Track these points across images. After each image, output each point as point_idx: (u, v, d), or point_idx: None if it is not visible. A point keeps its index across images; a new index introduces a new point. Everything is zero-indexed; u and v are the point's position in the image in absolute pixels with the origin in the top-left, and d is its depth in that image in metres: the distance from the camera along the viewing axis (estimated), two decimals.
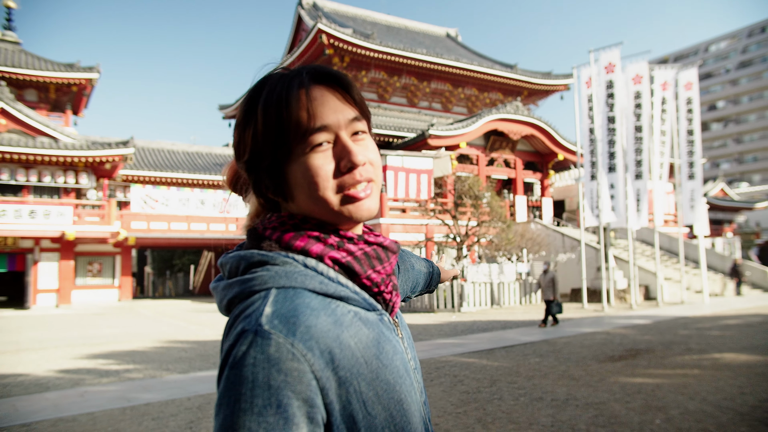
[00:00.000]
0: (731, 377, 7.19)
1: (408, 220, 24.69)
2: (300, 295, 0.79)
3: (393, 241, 0.93)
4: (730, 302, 19.34)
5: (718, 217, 39.74)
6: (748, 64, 79.26)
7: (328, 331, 0.76)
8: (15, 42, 27.77)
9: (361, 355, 0.79)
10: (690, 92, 19.64)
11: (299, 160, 0.83)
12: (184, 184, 27.32)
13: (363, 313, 0.84)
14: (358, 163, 0.84)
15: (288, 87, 0.84)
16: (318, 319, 0.77)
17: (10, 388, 7.62)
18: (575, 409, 5.80)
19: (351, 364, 0.77)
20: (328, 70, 0.87)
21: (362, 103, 0.89)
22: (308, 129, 0.82)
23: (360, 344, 0.80)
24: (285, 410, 0.70)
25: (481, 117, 27.98)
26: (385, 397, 0.80)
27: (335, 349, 0.76)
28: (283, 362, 0.72)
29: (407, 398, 0.84)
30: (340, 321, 0.79)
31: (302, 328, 0.74)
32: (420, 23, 42.45)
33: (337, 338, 0.77)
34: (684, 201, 19.81)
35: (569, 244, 24.25)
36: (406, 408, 0.82)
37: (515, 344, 10.83)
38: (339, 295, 0.82)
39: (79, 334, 14.31)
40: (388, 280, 0.90)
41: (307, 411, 0.72)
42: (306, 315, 0.76)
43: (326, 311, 0.79)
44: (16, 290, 25.95)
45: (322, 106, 0.84)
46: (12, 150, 21.51)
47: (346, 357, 0.77)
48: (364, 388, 0.78)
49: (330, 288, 0.81)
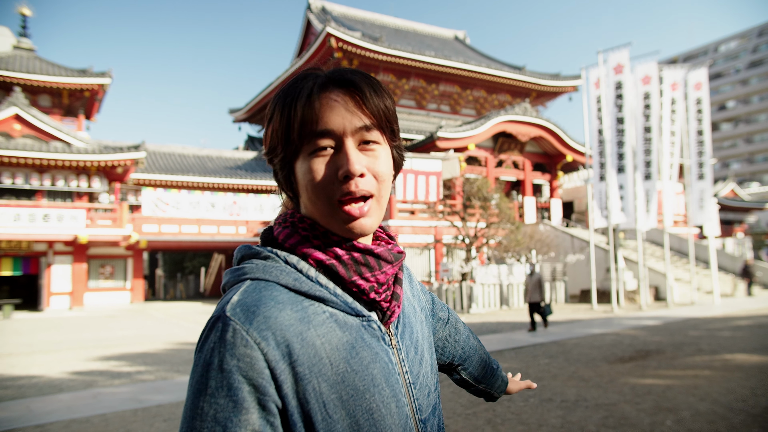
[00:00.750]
0: (743, 378, 7.15)
1: (417, 222, 24.70)
2: (269, 287, 0.80)
3: (387, 250, 0.90)
4: (741, 303, 19.19)
5: (729, 218, 39.41)
6: (759, 64, 78.58)
7: (289, 325, 0.77)
8: (30, 49, 28.09)
9: (326, 355, 0.79)
10: (700, 92, 19.53)
11: (303, 161, 0.85)
12: (195, 187, 27.49)
13: (341, 316, 0.83)
14: (354, 173, 0.82)
15: (301, 88, 0.85)
16: (281, 312, 0.78)
17: (24, 389, 7.70)
18: (585, 410, 5.80)
19: (312, 363, 0.77)
20: (346, 76, 0.86)
21: (380, 111, 0.86)
22: (312, 131, 0.83)
23: (328, 345, 0.79)
24: (235, 394, 0.73)
25: (490, 119, 27.96)
26: (350, 402, 0.79)
27: (295, 344, 0.76)
28: (237, 347, 0.74)
29: (381, 409, 0.81)
30: (308, 319, 0.80)
31: (260, 318, 0.76)
32: (428, 26, 42.48)
33: (299, 334, 0.77)
34: (694, 201, 19.69)
35: (578, 246, 24.17)
36: (377, 419, 0.81)
37: (524, 345, 10.83)
38: (314, 294, 0.82)
39: (91, 336, 14.43)
40: (380, 288, 0.88)
41: (258, 397, 0.74)
42: (268, 306, 0.77)
43: (294, 307, 0.80)
44: (30, 293, 26.20)
45: (330, 110, 0.83)
46: (26, 155, 21.77)
47: (306, 354, 0.77)
48: (324, 389, 0.77)
49: (304, 286, 0.82)
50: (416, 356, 0.93)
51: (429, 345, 1.00)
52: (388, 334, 0.89)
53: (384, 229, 0.99)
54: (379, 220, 0.88)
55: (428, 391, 0.93)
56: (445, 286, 19.43)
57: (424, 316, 1.06)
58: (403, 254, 0.95)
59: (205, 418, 0.73)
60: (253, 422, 0.73)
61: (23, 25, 28.61)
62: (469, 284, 19.05)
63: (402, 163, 0.96)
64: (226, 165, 31.21)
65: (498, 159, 29.91)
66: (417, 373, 0.92)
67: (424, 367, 0.94)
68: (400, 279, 0.93)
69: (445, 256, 25.16)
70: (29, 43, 28.16)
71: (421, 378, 0.93)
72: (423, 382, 0.93)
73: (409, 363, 0.91)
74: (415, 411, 0.89)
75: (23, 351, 11.78)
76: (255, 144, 39.93)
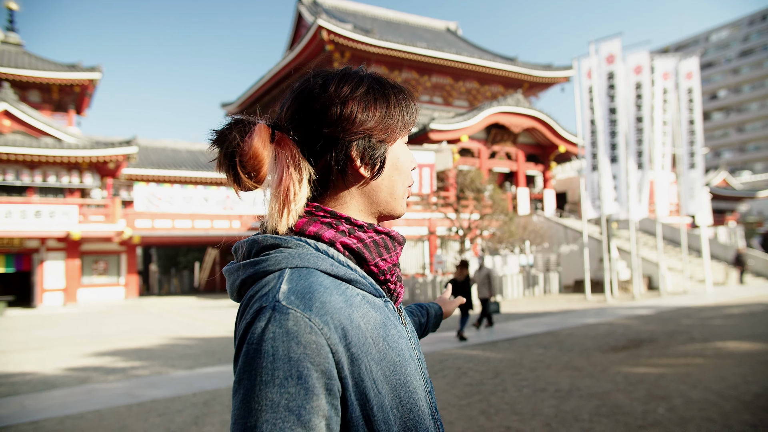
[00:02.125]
0: (734, 366, 7.22)
1: (410, 214, 24.71)
2: (313, 274, 0.83)
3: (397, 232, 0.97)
4: (733, 291, 19.34)
5: (721, 207, 39.63)
6: (750, 53, 78.82)
7: (340, 308, 0.80)
8: (17, 44, 27.82)
9: (369, 335, 0.82)
10: (691, 82, 19.58)
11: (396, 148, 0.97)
12: (188, 181, 27.42)
13: (370, 297, 0.88)
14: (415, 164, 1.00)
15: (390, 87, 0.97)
16: (331, 297, 0.80)
17: (18, 386, 7.68)
18: (578, 399, 5.83)
19: (361, 342, 0.81)
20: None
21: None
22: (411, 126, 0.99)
23: (368, 325, 0.83)
24: (305, 381, 0.74)
25: (482, 110, 27.96)
26: (392, 378, 0.83)
27: (347, 326, 0.80)
28: (302, 335, 0.75)
29: (413, 382, 0.87)
30: (350, 301, 0.83)
31: (318, 304, 0.78)
32: (420, 17, 42.36)
33: (348, 316, 0.81)
34: (686, 191, 19.79)
35: (572, 236, 24.27)
36: (412, 390, 0.86)
37: (518, 336, 10.87)
38: (348, 278, 0.85)
39: (85, 332, 14.39)
40: (393, 269, 0.94)
41: (325, 382, 0.76)
42: (320, 292, 0.80)
43: (338, 291, 0.82)
44: (23, 290, 26.08)
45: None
46: (16, 151, 21.60)
47: (357, 335, 0.80)
48: (373, 367, 0.81)
49: (340, 270, 0.85)
50: (414, 333, 1.01)
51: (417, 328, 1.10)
52: (399, 314, 0.96)
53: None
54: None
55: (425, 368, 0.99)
56: (439, 278, 19.47)
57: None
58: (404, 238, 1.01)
59: (277, 408, 0.73)
60: (323, 407, 0.75)
61: (10, 19, 28.34)
62: None
63: None
64: None
65: (491, 150, 29.94)
66: (418, 348, 0.99)
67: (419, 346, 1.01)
68: (399, 264, 0.98)
69: (439, 248, 25.21)
70: (17, 38, 27.89)
71: (422, 354, 0.99)
72: (423, 359, 0.98)
73: (415, 339, 0.98)
74: (426, 383, 0.95)
75: (16, 348, 11.73)
76: None
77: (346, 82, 0.92)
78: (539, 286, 21.34)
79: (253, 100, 40.02)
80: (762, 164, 76.90)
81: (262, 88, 37.82)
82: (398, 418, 0.83)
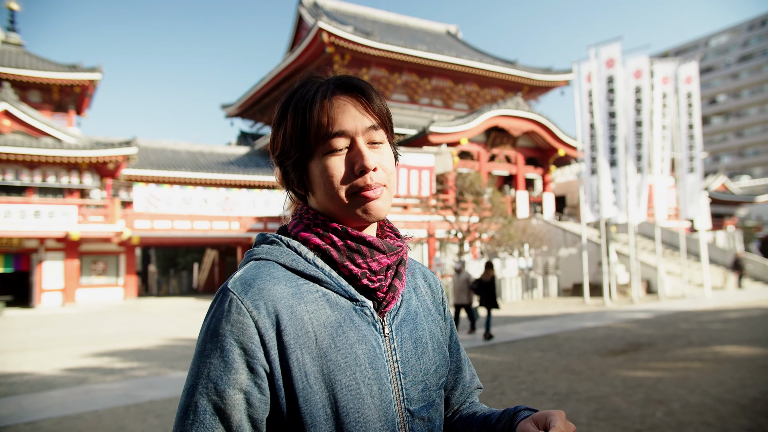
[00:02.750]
0: (732, 370, 7.23)
1: (410, 217, 24.73)
2: (268, 265, 0.91)
3: (382, 241, 0.96)
4: (732, 295, 19.35)
5: (720, 211, 39.65)
6: (749, 58, 78.96)
7: (281, 298, 0.87)
8: (18, 44, 27.81)
9: (312, 330, 0.87)
10: (690, 86, 19.62)
11: (319, 161, 0.93)
12: (187, 183, 27.38)
13: (333, 297, 0.91)
14: (369, 167, 0.91)
15: (314, 94, 0.93)
16: (275, 286, 0.87)
17: (16, 386, 7.68)
18: (577, 402, 5.84)
19: (298, 335, 0.85)
20: (353, 82, 0.95)
21: (383, 113, 0.96)
22: (327, 133, 0.91)
23: (315, 320, 0.88)
24: (226, 355, 0.83)
25: (482, 113, 28.00)
26: (330, 376, 0.85)
27: (284, 315, 0.85)
28: (232, 315, 0.84)
29: (360, 387, 0.87)
30: (300, 295, 0.89)
31: (255, 290, 0.86)
32: (420, 20, 42.42)
33: (289, 307, 0.87)
34: (685, 195, 19.81)
35: (571, 239, 24.28)
36: (355, 395, 0.86)
37: (517, 339, 10.88)
38: (309, 274, 0.91)
39: (84, 332, 14.38)
40: (374, 276, 0.94)
41: (247, 360, 0.83)
42: (264, 280, 0.87)
43: (289, 283, 0.89)
44: (22, 290, 26.04)
45: (342, 113, 0.92)
46: (16, 151, 21.58)
47: (294, 326, 0.86)
48: (307, 360, 0.85)
49: (300, 266, 0.91)
50: (414, 350, 0.98)
51: (437, 347, 1.04)
52: (380, 322, 0.95)
53: (393, 229, 1.06)
54: (389, 208, 0.96)
55: (424, 386, 0.97)
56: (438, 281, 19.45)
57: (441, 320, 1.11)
58: (402, 248, 1.00)
59: (201, 376, 0.84)
60: (242, 382, 0.83)
61: (11, 19, 28.35)
62: None
63: (398, 159, 1.04)
64: (219, 160, 31.09)
65: (490, 153, 29.97)
66: (412, 366, 0.96)
67: (424, 364, 0.98)
68: (401, 273, 0.99)
69: (438, 251, 25.22)
70: (18, 38, 27.89)
71: (416, 372, 0.97)
72: (418, 377, 0.97)
73: (402, 354, 0.96)
74: (402, 399, 0.93)
75: (15, 348, 11.71)
76: (247, 139, 39.78)
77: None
78: (538, 290, 21.35)
79: (253, 102, 40.04)
80: (761, 169, 76.99)
81: (263, 90, 37.84)
82: (330, 418, 0.85)
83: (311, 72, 0.99)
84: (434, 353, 1.02)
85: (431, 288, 1.13)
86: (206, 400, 0.82)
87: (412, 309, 1.03)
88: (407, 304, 1.02)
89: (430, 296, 1.11)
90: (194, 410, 0.83)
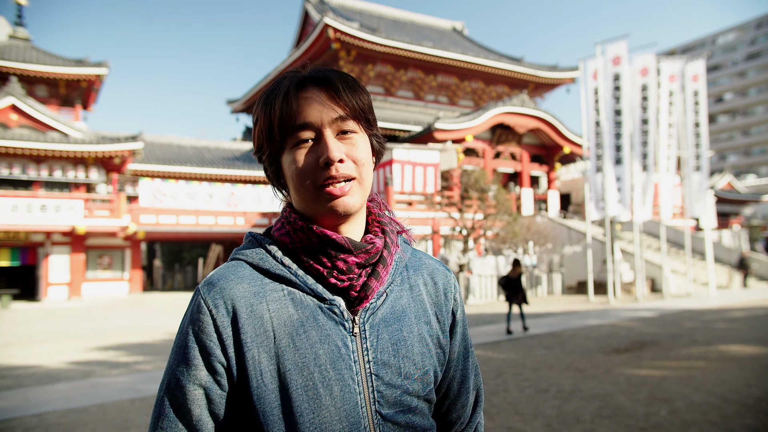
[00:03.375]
0: (737, 369, 7.21)
1: (414, 213, 24.73)
2: (237, 265, 0.93)
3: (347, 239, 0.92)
4: (737, 294, 19.30)
5: (725, 210, 39.52)
6: (756, 56, 78.51)
7: (241, 297, 0.88)
8: (26, 39, 27.91)
9: (272, 329, 0.88)
10: (697, 84, 19.54)
11: (288, 154, 0.93)
12: (193, 178, 27.45)
13: (299, 295, 0.91)
14: (333, 159, 0.89)
15: (279, 87, 0.94)
16: (237, 285, 0.89)
17: (22, 379, 7.73)
18: (580, 400, 5.84)
19: (256, 333, 0.87)
20: (321, 73, 0.94)
21: (354, 104, 0.93)
22: (292, 125, 0.91)
23: (276, 320, 0.89)
24: (188, 353, 0.87)
25: (488, 110, 27.95)
26: (286, 376, 0.86)
27: (242, 314, 0.87)
28: (196, 314, 0.88)
29: (318, 388, 0.86)
30: (263, 294, 0.90)
31: (217, 289, 0.89)
32: (426, 17, 42.33)
33: (249, 306, 0.88)
34: (690, 193, 19.75)
35: (575, 237, 24.24)
36: (311, 396, 0.86)
37: (521, 336, 10.88)
38: (275, 273, 0.92)
39: (89, 326, 14.46)
40: (342, 275, 0.92)
41: (206, 357, 0.87)
42: (228, 280, 0.90)
43: (252, 282, 0.90)
44: (28, 283, 26.18)
45: (308, 105, 0.91)
46: (23, 145, 21.69)
47: (252, 324, 0.87)
48: (263, 359, 0.86)
49: (267, 265, 0.92)
50: (394, 353, 0.93)
51: (426, 350, 0.98)
52: (351, 321, 0.92)
53: (381, 223, 1.02)
54: (362, 201, 0.94)
55: (403, 390, 0.93)
56: None
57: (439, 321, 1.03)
58: (374, 245, 0.95)
59: (168, 370, 0.89)
60: (201, 378, 0.86)
61: (19, 14, 28.42)
62: (466, 275, 19.11)
63: (382, 151, 1.02)
64: (224, 156, 31.16)
65: (496, 150, 29.92)
66: (388, 368, 0.92)
67: (406, 368, 0.94)
68: (378, 272, 0.95)
69: (443, 247, 25.22)
70: (25, 33, 27.98)
71: (393, 375, 0.92)
72: (395, 380, 0.92)
73: (377, 354, 0.92)
74: (372, 401, 0.90)
75: (21, 341, 11.80)
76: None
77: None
78: (542, 287, 21.33)
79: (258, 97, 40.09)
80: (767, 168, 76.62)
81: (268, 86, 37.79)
82: (285, 416, 0.85)
83: (293, 69, 0.98)
84: (421, 356, 0.96)
85: (437, 288, 1.05)
86: (171, 395, 0.87)
87: (399, 308, 0.97)
88: (393, 303, 0.97)
89: (432, 297, 1.04)
90: (161, 404, 0.87)
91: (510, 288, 11.46)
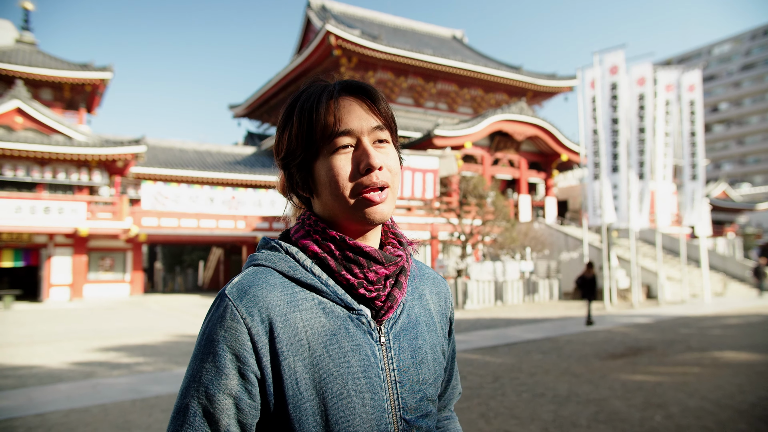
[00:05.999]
0: (731, 375, 7.29)
1: (413, 219, 24.85)
2: (266, 272, 0.92)
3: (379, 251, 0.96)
4: (732, 301, 19.39)
5: (720, 218, 39.63)
6: (751, 67, 78.82)
7: (276, 306, 0.88)
8: (32, 43, 28.00)
9: (306, 338, 0.88)
10: (693, 94, 19.69)
11: (324, 160, 0.93)
12: (194, 181, 27.56)
13: (329, 305, 0.92)
14: (375, 165, 0.91)
15: (320, 95, 0.94)
16: (270, 294, 0.88)
17: (24, 379, 7.78)
18: (576, 405, 5.92)
19: (291, 342, 0.87)
20: (357, 84, 0.97)
21: (388, 115, 0.97)
22: (333, 132, 0.92)
23: (309, 329, 0.89)
24: (219, 360, 0.85)
25: (486, 117, 28.10)
26: (321, 384, 0.87)
27: (277, 323, 0.86)
28: (226, 320, 0.86)
29: (351, 396, 0.88)
30: (295, 303, 0.89)
31: (250, 296, 0.87)
32: (426, 25, 42.44)
33: (284, 315, 0.88)
34: (686, 202, 19.90)
35: (572, 244, 24.36)
36: (346, 404, 0.87)
37: (518, 341, 10.96)
38: (305, 282, 0.92)
39: (91, 327, 14.49)
40: (371, 285, 0.94)
41: (238, 366, 0.85)
42: (260, 287, 0.88)
43: (284, 291, 0.90)
44: (31, 284, 26.20)
45: (348, 113, 0.93)
46: (28, 148, 21.74)
47: (287, 334, 0.87)
48: (299, 368, 0.86)
49: (297, 274, 0.92)
50: (413, 360, 0.98)
51: (436, 357, 1.04)
52: (377, 331, 0.95)
53: (396, 235, 1.05)
54: (393, 210, 0.96)
55: (422, 396, 0.97)
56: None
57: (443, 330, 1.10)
58: (401, 258, 1.00)
59: (194, 379, 0.86)
60: (232, 387, 0.85)
61: (25, 18, 28.53)
62: (464, 280, 19.21)
63: (402, 161, 1.04)
64: (226, 160, 31.25)
65: (494, 157, 30.06)
66: (409, 375, 0.96)
67: (423, 374, 0.98)
68: (401, 282, 0.98)
69: (441, 253, 25.34)
70: (31, 37, 28.08)
71: (413, 381, 0.97)
72: (415, 386, 0.97)
73: (400, 363, 0.96)
74: (397, 408, 0.93)
75: (23, 341, 11.83)
76: (254, 139, 39.94)
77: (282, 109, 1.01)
78: (539, 293, 21.44)
79: (260, 103, 40.17)
80: (761, 177, 76.83)
81: (270, 91, 37.96)
82: (320, 425, 0.86)
83: (316, 76, 1.01)
84: (433, 363, 1.01)
85: (439, 297, 1.11)
86: (197, 403, 0.84)
87: (414, 318, 1.01)
88: (408, 312, 1.01)
89: (436, 305, 1.09)
90: (185, 412, 0.85)
91: (585, 286, 13.59)
